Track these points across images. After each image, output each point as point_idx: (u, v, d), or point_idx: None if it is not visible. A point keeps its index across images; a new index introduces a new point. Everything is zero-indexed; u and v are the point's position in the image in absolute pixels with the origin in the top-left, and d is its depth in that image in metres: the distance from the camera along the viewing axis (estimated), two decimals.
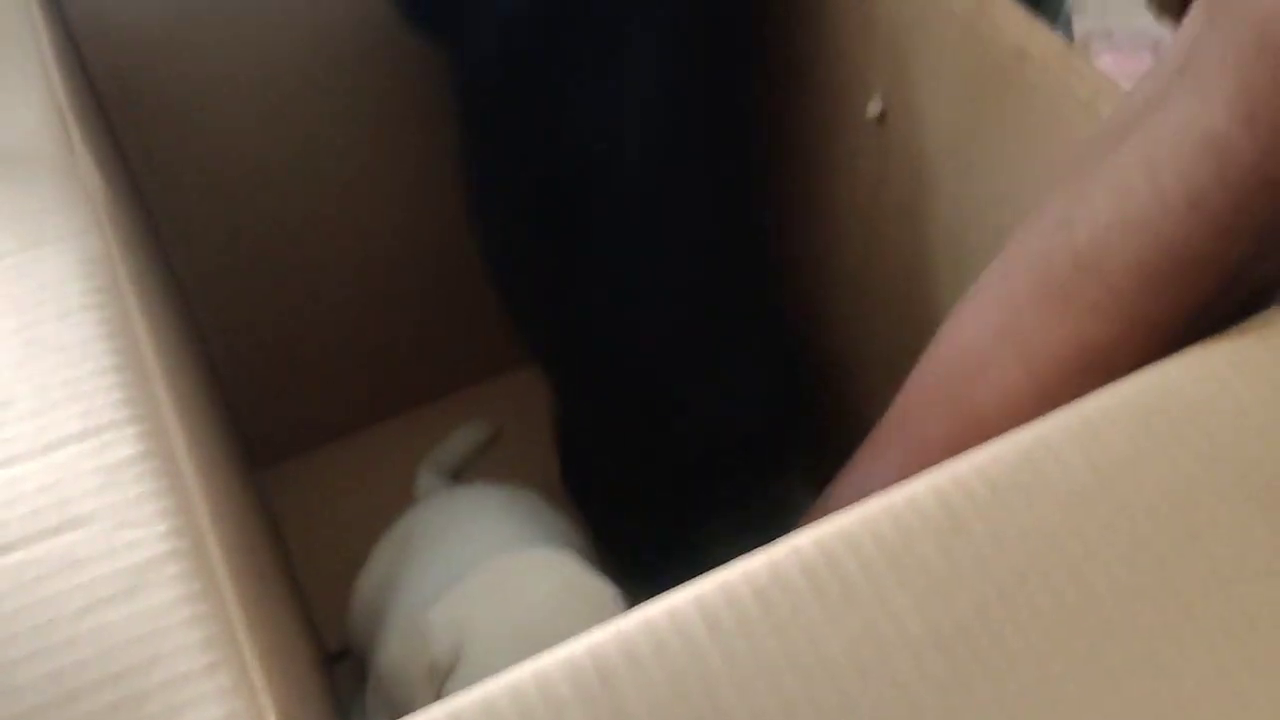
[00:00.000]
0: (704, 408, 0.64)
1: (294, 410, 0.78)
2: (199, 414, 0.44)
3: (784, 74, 0.64)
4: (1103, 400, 0.34)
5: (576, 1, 0.56)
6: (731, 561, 0.30)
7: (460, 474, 0.81)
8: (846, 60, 0.59)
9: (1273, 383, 0.34)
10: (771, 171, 0.67)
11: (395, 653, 0.53)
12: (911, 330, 0.62)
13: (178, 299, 0.64)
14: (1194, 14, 0.36)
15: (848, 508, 0.32)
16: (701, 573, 0.32)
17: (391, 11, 0.62)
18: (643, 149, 0.58)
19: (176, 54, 0.63)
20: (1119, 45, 0.71)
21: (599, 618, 0.52)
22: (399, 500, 0.73)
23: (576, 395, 0.70)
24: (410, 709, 0.51)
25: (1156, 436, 0.33)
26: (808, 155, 0.65)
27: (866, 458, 0.45)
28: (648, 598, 0.31)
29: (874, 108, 0.57)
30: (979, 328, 0.40)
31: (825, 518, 0.32)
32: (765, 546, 0.32)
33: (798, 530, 0.32)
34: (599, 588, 0.54)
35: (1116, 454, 0.33)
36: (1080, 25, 0.84)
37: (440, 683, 0.52)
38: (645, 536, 0.62)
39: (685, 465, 0.63)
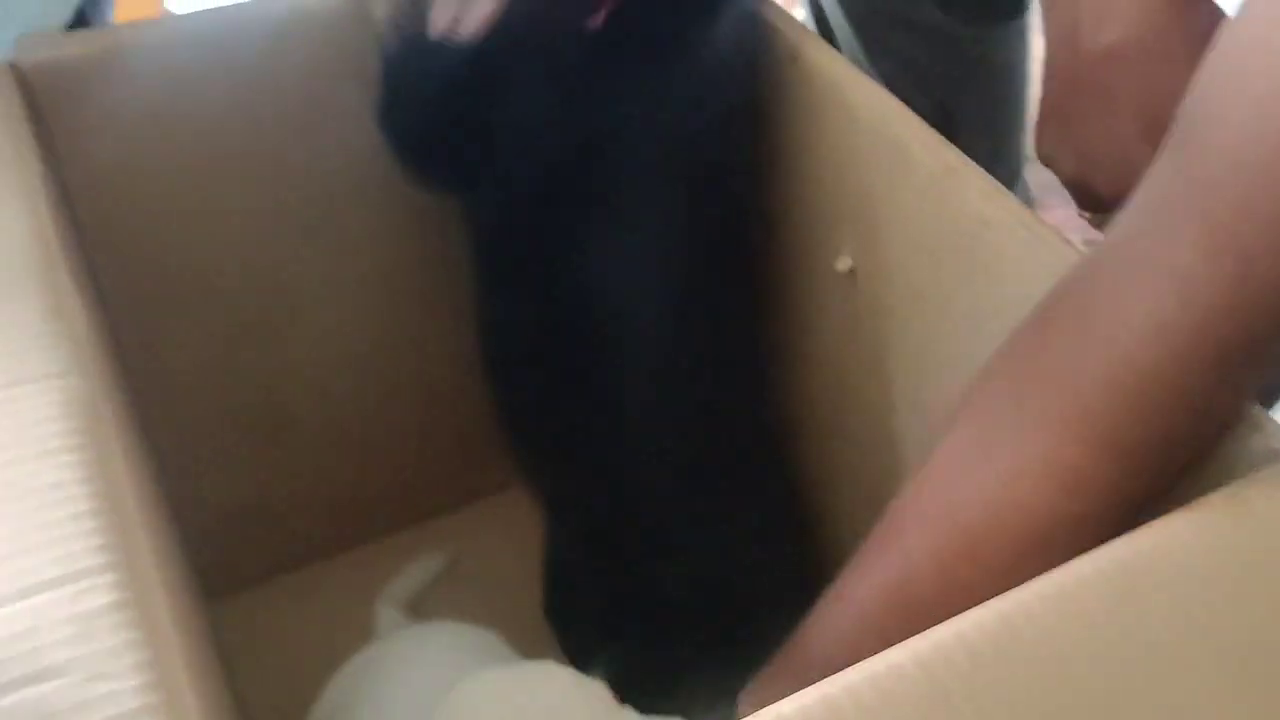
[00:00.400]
0: (699, 553, 0.65)
1: (248, 541, 0.77)
2: (170, 555, 0.43)
3: (758, 227, 0.66)
4: (1081, 568, 0.35)
5: (584, 171, 0.58)
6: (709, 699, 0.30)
7: (418, 607, 0.79)
8: (818, 217, 0.61)
9: (1241, 555, 0.35)
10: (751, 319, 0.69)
11: None
12: (877, 478, 0.63)
13: (144, 431, 0.64)
14: (1158, 156, 0.39)
15: (825, 680, 0.32)
16: (675, 707, 0.32)
17: (381, 155, 0.63)
18: (650, 308, 0.60)
19: (161, 188, 0.63)
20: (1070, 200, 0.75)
21: (601, 709, 0.51)
22: (352, 634, 0.71)
23: (571, 528, 0.70)
24: None
25: (1134, 607, 0.34)
26: (780, 306, 0.66)
27: (852, 578, 0.45)
28: None
29: (843, 264, 0.58)
30: (959, 444, 0.41)
31: (808, 684, 0.32)
32: (749, 712, 0.31)
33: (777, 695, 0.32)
34: (598, 689, 0.52)
35: (1095, 624, 0.34)
36: (1034, 178, 0.88)
37: None
38: (626, 669, 0.61)
39: (674, 605, 0.63)
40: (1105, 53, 0.52)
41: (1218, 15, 0.49)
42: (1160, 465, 0.39)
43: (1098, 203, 0.54)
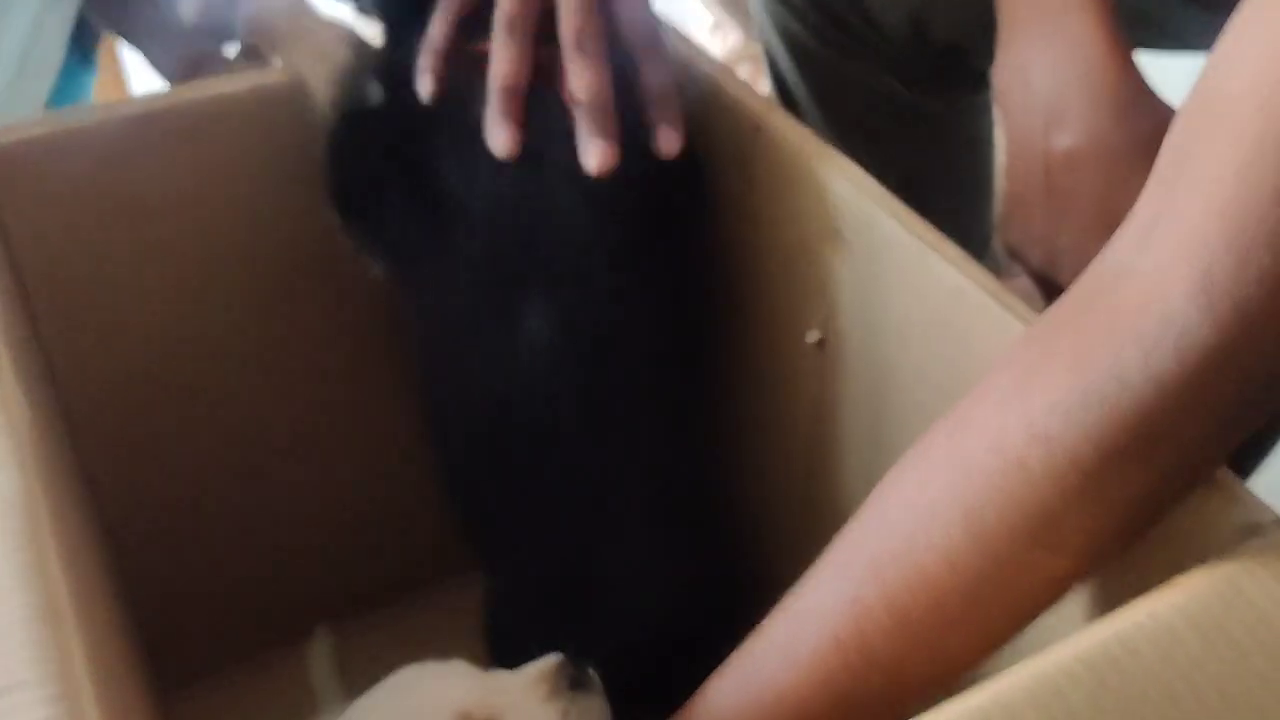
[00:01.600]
0: (638, 608, 0.65)
1: (201, 630, 0.74)
2: (113, 655, 0.41)
3: (730, 300, 0.65)
4: (1060, 656, 0.33)
5: (524, 243, 0.58)
6: None
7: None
8: (788, 290, 0.61)
9: (1228, 637, 0.34)
10: (720, 391, 0.68)
11: None
12: None
13: (95, 517, 0.62)
14: (1148, 188, 0.38)
15: None
16: None
17: (328, 236, 0.63)
18: (590, 379, 0.60)
19: (109, 265, 0.62)
20: None
21: (461, 674, 0.52)
22: None
23: (511, 586, 0.70)
24: None
25: (1116, 696, 0.33)
26: (751, 379, 0.66)
27: (788, 618, 0.43)
28: None
29: (812, 336, 0.58)
30: (922, 490, 0.39)
31: None
32: None
33: None
34: (458, 663, 0.54)
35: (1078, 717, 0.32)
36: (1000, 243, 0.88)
37: None
38: None
39: (614, 658, 0.63)
40: (1064, 156, 0.52)
41: (1168, 114, 0.49)
42: (1145, 516, 0.38)
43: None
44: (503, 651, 0.68)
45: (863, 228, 0.54)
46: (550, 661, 0.54)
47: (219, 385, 0.69)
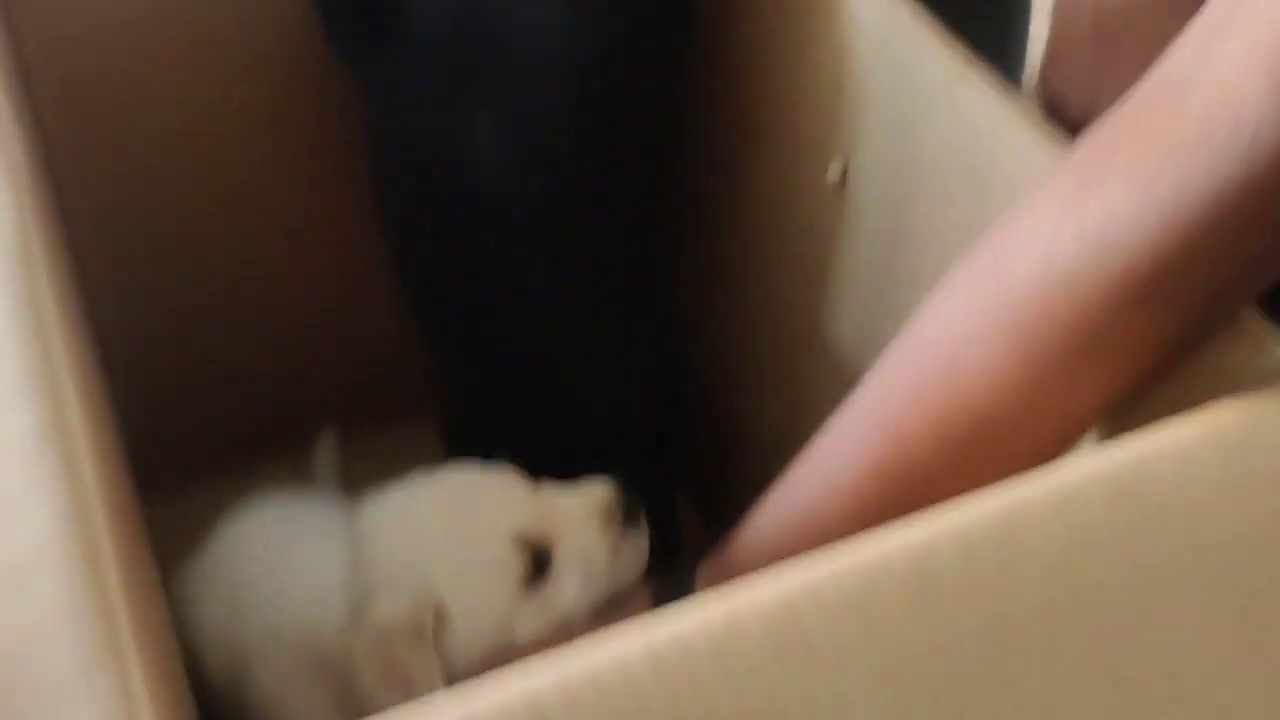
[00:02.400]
0: (588, 397, 0.67)
1: (183, 441, 0.74)
2: (100, 419, 0.40)
3: (747, 135, 0.63)
4: (1081, 470, 0.32)
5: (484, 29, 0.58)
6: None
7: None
8: (810, 127, 0.58)
9: (1246, 463, 0.33)
10: (724, 221, 0.67)
11: (369, 672, 0.49)
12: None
13: (89, 315, 0.60)
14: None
15: (808, 557, 0.30)
16: None
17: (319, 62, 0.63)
18: (550, 166, 0.60)
19: (115, 59, 0.61)
20: None
21: (522, 489, 0.52)
22: None
23: (468, 379, 0.71)
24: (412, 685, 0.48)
25: (1133, 514, 0.32)
26: (765, 220, 0.64)
27: (829, 446, 0.43)
28: None
29: (834, 173, 0.56)
30: (966, 312, 0.38)
31: (787, 562, 0.30)
32: (720, 594, 0.29)
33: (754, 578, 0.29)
34: (510, 473, 0.53)
35: (1094, 530, 0.31)
36: None
37: (435, 640, 0.49)
38: None
39: (567, 451, 0.63)
40: (1117, 2, 0.50)
41: None
42: (1193, 331, 0.37)
43: None
44: (459, 452, 0.69)
45: (890, 55, 0.52)
46: (606, 492, 0.53)
47: (220, 186, 0.67)
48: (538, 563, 0.51)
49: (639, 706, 0.27)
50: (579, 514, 0.52)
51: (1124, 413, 0.39)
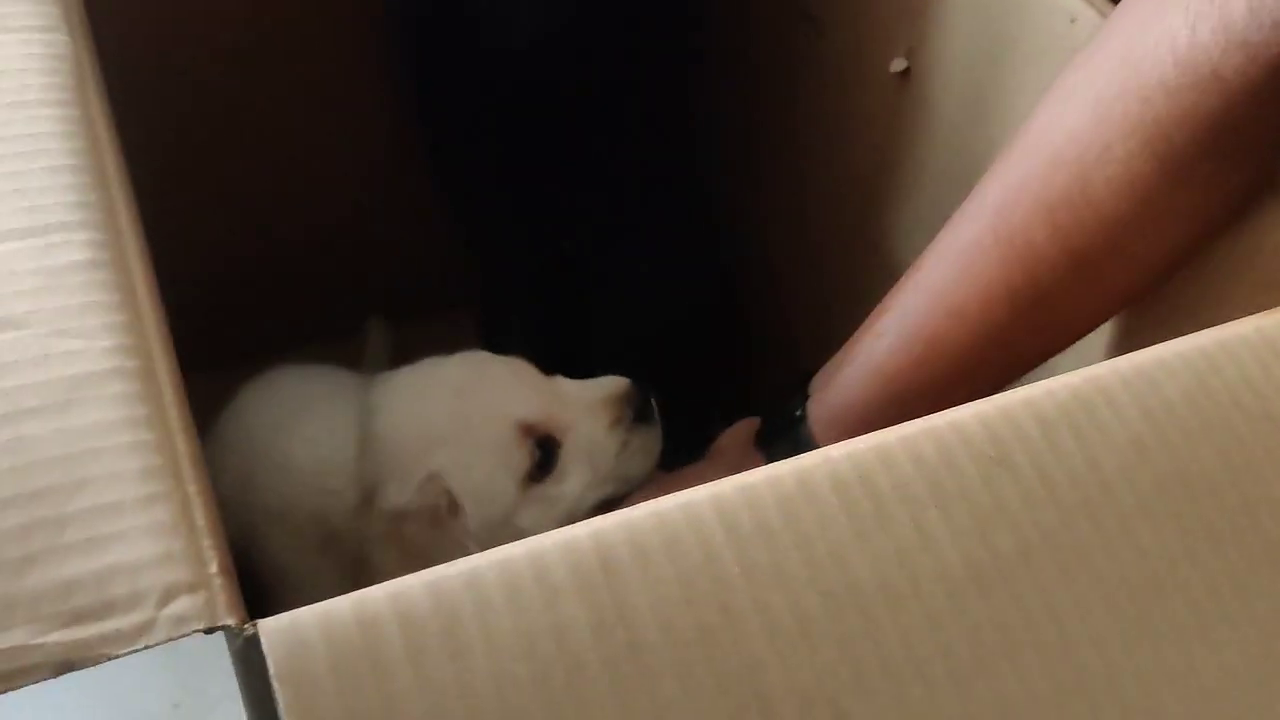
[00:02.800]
0: (628, 293, 0.66)
1: (217, 324, 0.73)
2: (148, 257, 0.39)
3: (812, 26, 0.61)
4: (1161, 353, 0.31)
5: None
6: None
7: None
8: (875, 16, 0.56)
9: None
10: (788, 117, 0.65)
11: (385, 555, 0.50)
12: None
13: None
14: None
15: (884, 430, 0.29)
16: None
17: None
18: (586, 52, 0.59)
19: None
20: None
21: (531, 378, 0.52)
22: None
23: (504, 278, 0.70)
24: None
25: (1214, 397, 0.31)
26: (826, 110, 0.62)
27: (946, 273, 0.42)
28: None
29: (898, 65, 0.54)
30: (1097, 120, 0.37)
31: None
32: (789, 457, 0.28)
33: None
34: (524, 364, 0.53)
35: (1174, 411, 0.30)
36: None
37: (457, 523, 0.49)
38: None
39: (611, 351, 0.63)
40: None
41: None
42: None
43: None
44: (493, 335, 0.68)
45: None
46: (618, 385, 0.52)
47: (258, 79, 0.66)
48: (546, 453, 0.51)
49: (706, 555, 0.26)
50: (589, 406, 0.52)
51: (1209, 305, 0.38)
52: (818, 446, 0.46)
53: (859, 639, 0.26)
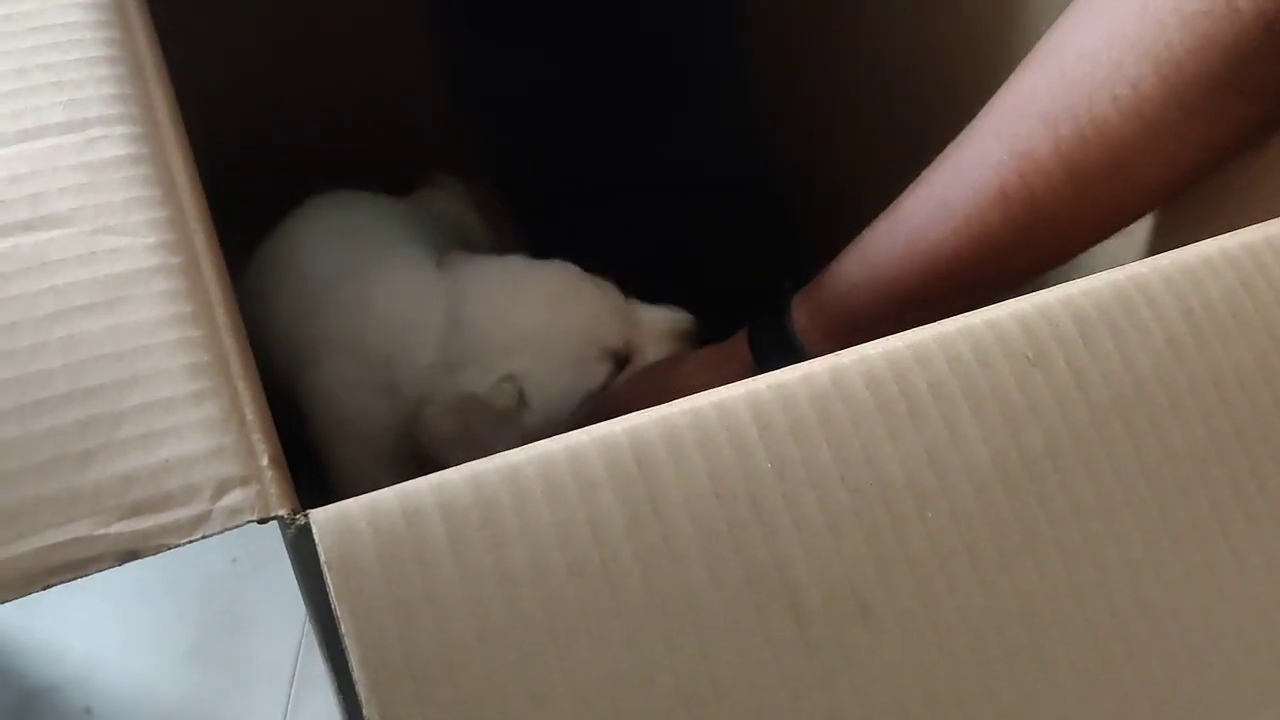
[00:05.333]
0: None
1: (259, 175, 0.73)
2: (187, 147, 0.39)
3: None
4: (1204, 250, 0.31)
5: None
6: None
7: None
8: None
9: None
10: None
11: (445, 425, 0.52)
12: None
13: None
14: None
15: (909, 331, 0.29)
16: None
17: None
18: None
19: None
20: None
21: (619, 304, 0.54)
22: None
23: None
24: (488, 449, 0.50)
25: (1256, 298, 0.31)
26: None
27: (948, 177, 0.42)
28: None
29: None
30: (1109, 40, 0.37)
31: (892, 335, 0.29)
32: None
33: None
34: (608, 285, 0.55)
35: (1213, 310, 0.30)
36: None
37: (517, 423, 0.52)
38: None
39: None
40: None
41: None
42: None
43: None
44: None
45: None
46: (686, 319, 0.56)
47: None
48: (619, 372, 0.54)
49: (738, 451, 0.27)
50: (659, 334, 0.55)
51: (1260, 199, 0.37)
52: (804, 346, 0.47)
53: (885, 534, 0.27)
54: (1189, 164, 0.37)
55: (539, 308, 0.53)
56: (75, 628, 0.49)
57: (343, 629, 0.24)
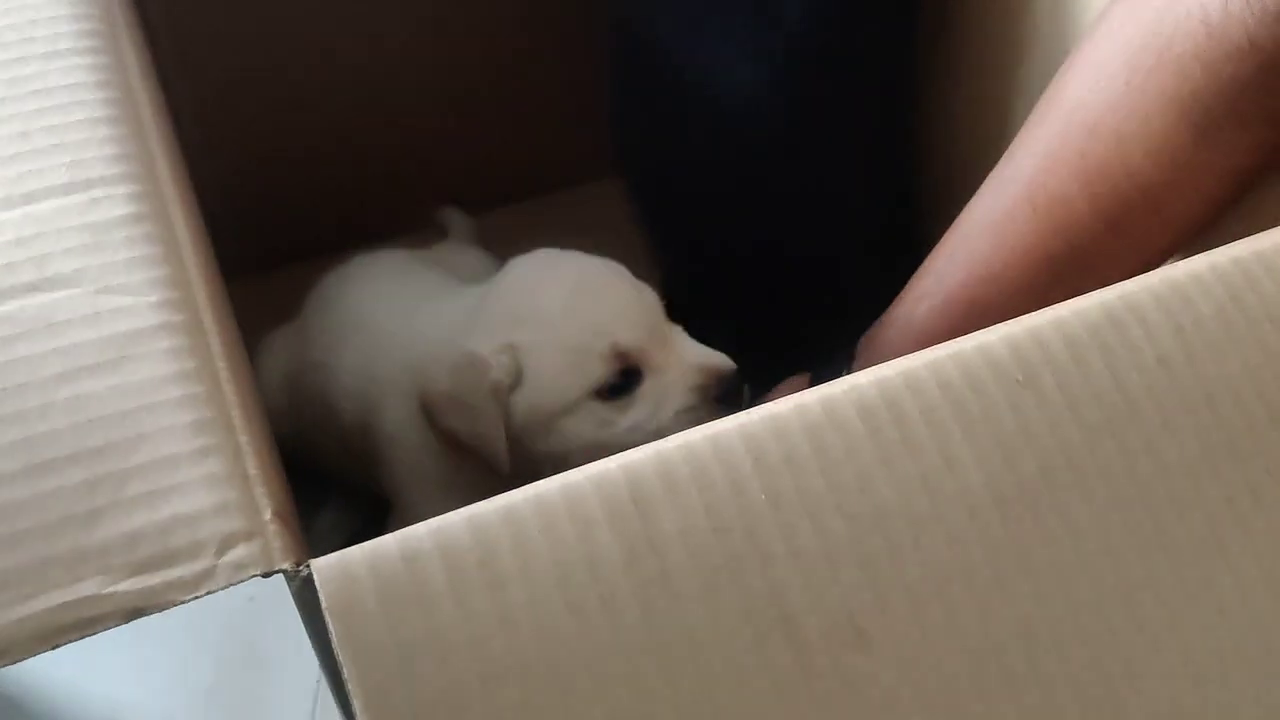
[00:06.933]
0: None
1: (266, 223, 0.74)
2: (190, 199, 0.40)
3: None
4: (1194, 267, 0.31)
5: None
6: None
7: None
8: None
9: None
10: None
11: (440, 383, 0.52)
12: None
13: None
14: None
15: (910, 355, 0.29)
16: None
17: None
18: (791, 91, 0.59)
19: None
20: None
21: (653, 315, 0.52)
22: None
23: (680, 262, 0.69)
24: (479, 436, 0.51)
25: (1246, 313, 0.31)
26: None
27: (983, 238, 0.42)
28: None
29: None
30: (1126, 93, 0.38)
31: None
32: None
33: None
34: (654, 297, 0.54)
35: (1204, 327, 0.30)
36: None
37: (505, 402, 0.52)
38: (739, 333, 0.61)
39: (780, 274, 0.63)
40: None
41: None
42: None
43: None
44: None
45: None
46: (722, 361, 0.53)
47: None
48: (625, 381, 0.52)
49: (733, 484, 0.27)
50: (687, 363, 0.52)
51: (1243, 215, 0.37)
52: None
53: (881, 561, 0.27)
54: (1221, 195, 0.38)
55: (564, 287, 0.52)
56: (96, 671, 0.50)
57: (345, 674, 0.24)
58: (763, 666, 0.26)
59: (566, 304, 0.51)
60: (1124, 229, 0.38)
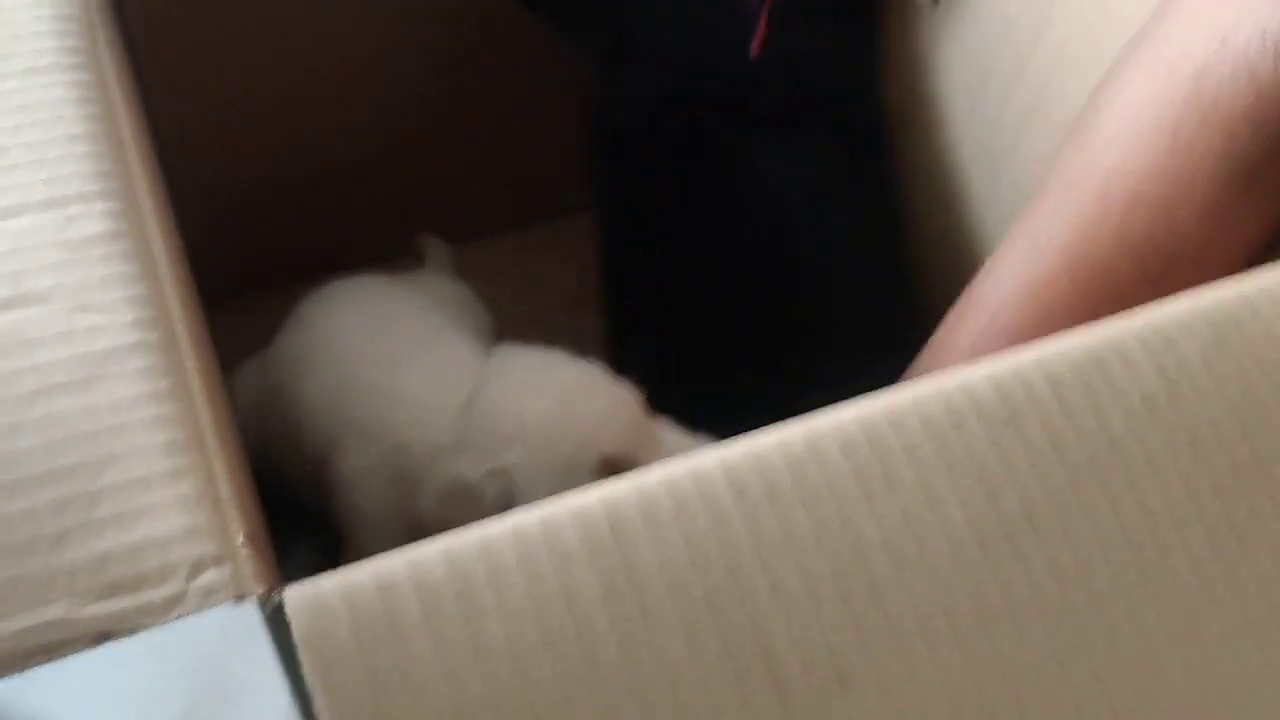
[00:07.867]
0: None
1: (247, 249, 0.73)
2: (169, 220, 0.40)
3: None
4: (1178, 308, 0.31)
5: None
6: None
7: None
8: None
9: None
10: None
11: (438, 510, 0.52)
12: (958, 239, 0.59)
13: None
14: None
15: (891, 389, 0.29)
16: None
17: None
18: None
19: None
20: None
21: (635, 416, 0.52)
22: None
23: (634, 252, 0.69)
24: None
25: (1230, 355, 0.31)
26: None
27: (1010, 295, 0.42)
28: None
29: None
30: (1169, 155, 0.37)
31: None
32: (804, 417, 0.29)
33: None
34: (631, 395, 0.53)
35: (1188, 368, 0.30)
36: None
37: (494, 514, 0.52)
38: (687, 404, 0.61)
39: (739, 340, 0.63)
40: None
41: None
42: None
43: None
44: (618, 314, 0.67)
45: None
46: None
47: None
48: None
49: (714, 519, 0.27)
50: (672, 457, 0.53)
51: None
52: None
53: (862, 599, 0.27)
54: (1260, 240, 0.38)
55: (548, 399, 0.52)
56: (63, 699, 0.49)
57: (316, 705, 0.24)
58: (742, 705, 0.26)
59: (551, 418, 0.52)
60: (1166, 284, 0.37)
